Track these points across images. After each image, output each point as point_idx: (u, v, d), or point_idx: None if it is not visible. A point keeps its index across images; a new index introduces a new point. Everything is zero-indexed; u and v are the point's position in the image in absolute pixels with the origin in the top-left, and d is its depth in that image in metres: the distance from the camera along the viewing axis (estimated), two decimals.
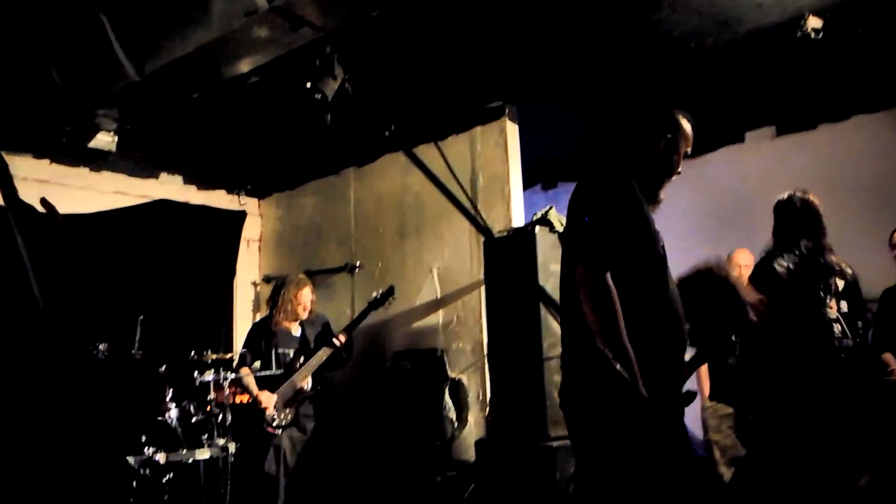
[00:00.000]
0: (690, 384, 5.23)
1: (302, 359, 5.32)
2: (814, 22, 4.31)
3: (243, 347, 5.48)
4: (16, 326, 1.64)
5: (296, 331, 5.49)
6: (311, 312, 5.54)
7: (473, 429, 5.63)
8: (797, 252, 3.89)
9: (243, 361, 5.23)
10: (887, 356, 4.51)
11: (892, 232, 4.63)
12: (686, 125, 2.98)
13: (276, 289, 5.64)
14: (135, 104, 5.06)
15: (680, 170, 2.94)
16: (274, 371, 5.24)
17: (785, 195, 4.08)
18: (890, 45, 4.74)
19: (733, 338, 3.43)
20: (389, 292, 5.60)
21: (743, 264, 5.18)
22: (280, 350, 5.37)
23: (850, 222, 5.69)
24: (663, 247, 2.81)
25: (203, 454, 4.68)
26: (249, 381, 5.18)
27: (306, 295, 5.46)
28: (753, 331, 3.09)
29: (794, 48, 4.57)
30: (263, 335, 5.43)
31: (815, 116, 6.02)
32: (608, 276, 2.54)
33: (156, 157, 6.81)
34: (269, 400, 5.08)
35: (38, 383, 1.64)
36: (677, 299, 2.76)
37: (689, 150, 2.99)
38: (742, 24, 4.47)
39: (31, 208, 1.56)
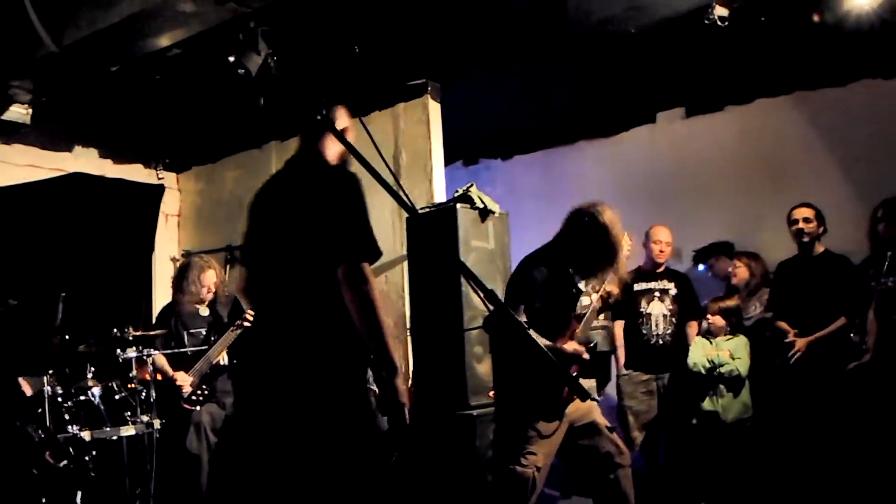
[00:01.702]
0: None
1: (214, 335, 5.27)
2: (720, 10, 4.55)
3: (153, 330, 5.37)
4: None
5: (204, 311, 5.42)
6: (218, 294, 5.46)
7: None
8: None
9: (154, 345, 5.14)
10: (782, 323, 4.85)
11: (791, 209, 4.92)
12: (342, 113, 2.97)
13: (181, 270, 5.54)
14: (51, 76, 4.93)
15: None
16: (188, 349, 5.20)
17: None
18: (790, 34, 5.02)
19: None
20: None
21: (663, 240, 5.43)
22: (192, 330, 5.31)
23: (752, 199, 6.06)
24: None
25: (127, 431, 4.65)
26: (162, 362, 5.13)
27: (210, 277, 5.38)
28: None
29: (703, 34, 4.80)
30: (172, 316, 5.35)
31: (721, 99, 6.32)
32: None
33: (71, 129, 6.64)
34: (184, 379, 5.05)
35: None
36: None
37: None
38: (656, 10, 4.66)
39: None
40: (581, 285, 3.75)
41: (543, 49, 5.28)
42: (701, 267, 5.93)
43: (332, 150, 2.86)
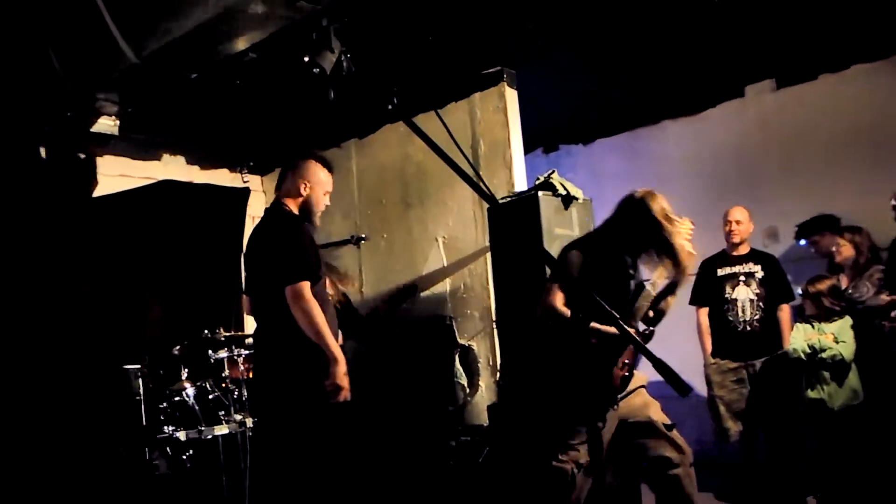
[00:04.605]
0: (692, 343, 5.34)
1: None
2: None
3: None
4: None
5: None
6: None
7: (485, 394, 5.70)
8: None
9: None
10: (884, 296, 4.56)
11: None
12: (320, 172, 3.90)
13: None
14: (135, 87, 5.05)
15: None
16: None
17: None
18: None
19: None
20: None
21: (733, 220, 5.24)
22: None
23: (852, 173, 5.73)
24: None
25: (221, 430, 4.76)
26: None
27: None
28: None
29: None
30: None
31: (814, 67, 6.00)
32: None
33: (158, 138, 6.83)
34: None
35: None
36: None
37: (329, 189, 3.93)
38: None
39: None
40: (644, 271, 3.56)
41: (620, 26, 5.11)
42: (802, 242, 5.65)
43: (294, 200, 3.81)
